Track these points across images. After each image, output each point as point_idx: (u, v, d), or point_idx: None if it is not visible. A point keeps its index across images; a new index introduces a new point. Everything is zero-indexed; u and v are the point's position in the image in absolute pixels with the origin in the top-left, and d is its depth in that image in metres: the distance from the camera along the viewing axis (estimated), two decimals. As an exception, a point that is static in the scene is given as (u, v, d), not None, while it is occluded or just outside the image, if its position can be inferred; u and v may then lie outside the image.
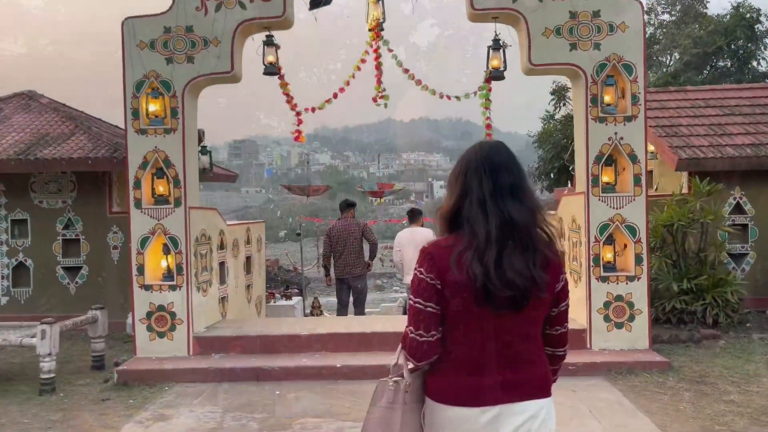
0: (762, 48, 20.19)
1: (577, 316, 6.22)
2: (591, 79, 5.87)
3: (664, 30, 23.28)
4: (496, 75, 6.19)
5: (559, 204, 6.95)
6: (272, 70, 6.23)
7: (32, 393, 5.52)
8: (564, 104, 21.74)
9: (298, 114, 6.51)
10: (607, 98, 5.88)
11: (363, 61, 6.30)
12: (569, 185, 14.27)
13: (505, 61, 6.19)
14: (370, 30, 6.35)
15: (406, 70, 6.36)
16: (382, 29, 6.38)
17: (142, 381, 5.61)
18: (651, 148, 7.96)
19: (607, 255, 5.93)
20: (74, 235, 8.55)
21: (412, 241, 7.66)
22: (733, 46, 20.25)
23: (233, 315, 7.32)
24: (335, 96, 6.43)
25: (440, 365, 1.97)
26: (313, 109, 6.52)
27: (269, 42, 6.25)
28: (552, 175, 21.14)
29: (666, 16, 23.96)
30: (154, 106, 6.05)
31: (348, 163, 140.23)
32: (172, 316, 6.05)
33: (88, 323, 6.20)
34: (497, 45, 6.38)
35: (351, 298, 8.45)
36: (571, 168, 21.05)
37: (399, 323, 6.27)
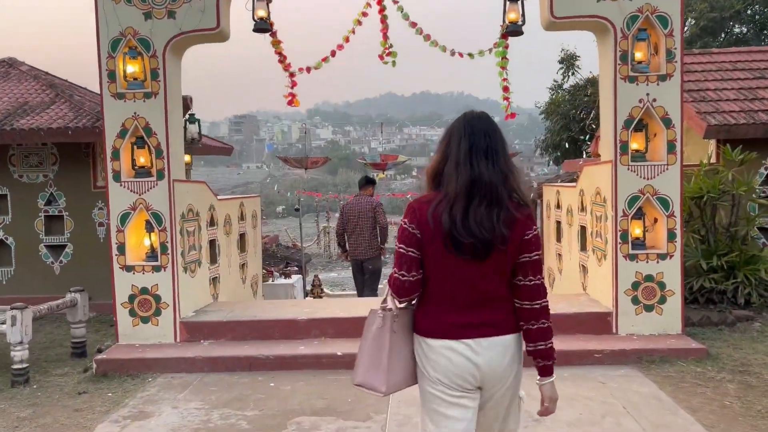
0: (780, 13, 19.37)
1: (601, 298, 5.67)
2: (620, 33, 5.23)
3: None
4: (513, 30, 5.54)
5: (579, 175, 6.35)
6: (263, 26, 5.59)
7: (3, 385, 5.01)
8: (573, 73, 20.98)
9: (292, 75, 5.88)
10: (638, 55, 5.25)
11: (365, 14, 5.65)
12: (584, 157, 13.58)
13: (523, 15, 5.54)
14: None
15: (414, 24, 5.70)
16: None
17: (123, 371, 5.09)
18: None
19: (636, 231, 5.35)
20: (57, 211, 8.01)
21: None
22: (750, 11, 19.43)
23: (226, 297, 6.79)
24: (333, 54, 5.79)
25: (423, 304, 2.28)
26: (309, 69, 5.89)
27: (260, -5, 5.61)
28: (560, 147, 20.47)
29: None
30: (132, 68, 5.43)
31: (349, 137, 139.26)
32: (156, 300, 5.52)
33: (66, 307, 5.67)
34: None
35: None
36: (585, 138, 20.41)
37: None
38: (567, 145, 20.47)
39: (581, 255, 6.34)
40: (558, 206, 7.37)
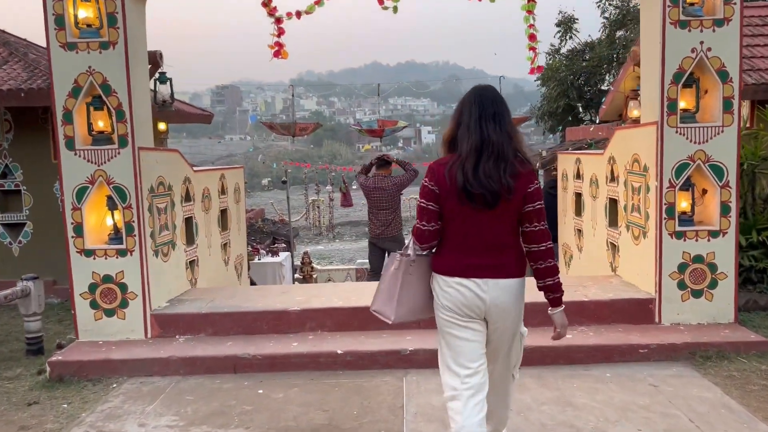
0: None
1: (638, 282, 4.93)
2: (670, -31, 4.40)
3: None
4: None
5: (609, 140, 5.56)
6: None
7: (-62, 393, 4.20)
8: (570, 37, 20.07)
9: (279, 21, 4.98)
10: (691, -5, 4.43)
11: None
12: (583, 124, 12.70)
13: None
14: None
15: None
16: None
17: (83, 375, 4.29)
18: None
19: (683, 204, 4.60)
20: (13, 185, 7.10)
21: None
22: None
23: (206, 282, 5.98)
24: (328, -6, 4.89)
25: (441, 249, 2.70)
26: (299, 14, 5.00)
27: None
28: (556, 115, 19.65)
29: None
30: (84, 12, 4.50)
31: (334, 108, 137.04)
32: (122, 289, 4.69)
33: (17, 297, 4.82)
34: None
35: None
36: (581, 105, 19.59)
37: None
38: (563, 113, 19.68)
39: (610, 231, 5.59)
40: (578, 176, 6.59)
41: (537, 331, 4.50)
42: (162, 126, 10.29)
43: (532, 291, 2.88)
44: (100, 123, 4.62)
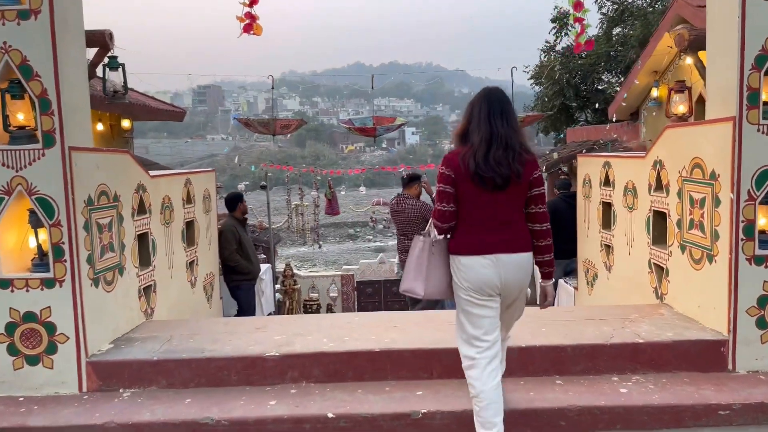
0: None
1: (703, 317, 3.98)
2: None
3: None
4: None
5: (657, 140, 4.61)
6: None
7: None
8: (566, 34, 19.22)
9: (252, -10, 3.96)
10: (780, -44, 3.49)
11: None
12: (579, 125, 11.75)
13: None
14: None
15: None
16: None
17: (-10, 449, 3.24)
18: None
19: (761, 221, 3.66)
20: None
21: None
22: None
23: (166, 311, 4.93)
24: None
25: (457, 232, 3.03)
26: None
27: None
28: (551, 116, 18.78)
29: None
30: (-4, -30, 3.46)
31: (317, 108, 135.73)
32: (49, 330, 3.64)
33: None
34: None
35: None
36: (577, 105, 18.75)
37: (426, 331, 3.97)
38: (558, 113, 18.81)
39: (655, 251, 4.64)
40: (606, 183, 5.65)
41: (579, 382, 3.55)
42: (126, 123, 9.21)
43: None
44: (20, 116, 3.57)
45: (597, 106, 18.91)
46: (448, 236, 3.06)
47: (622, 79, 19.46)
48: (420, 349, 3.73)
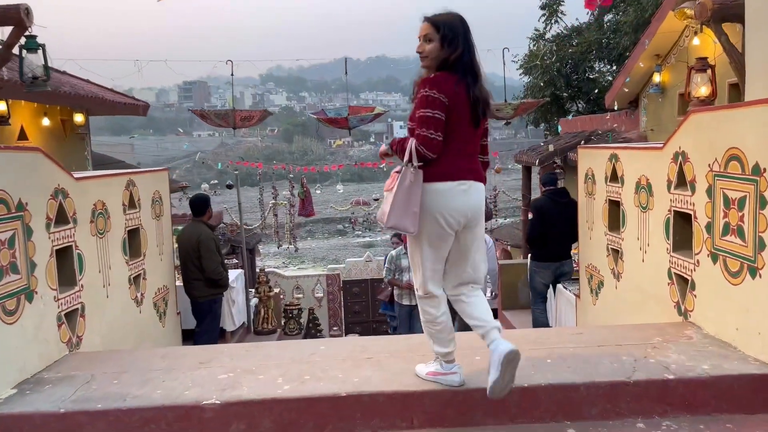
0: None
1: (744, 344, 3.27)
2: None
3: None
4: None
5: (679, 127, 3.88)
6: None
7: None
8: (556, 21, 18.50)
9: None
10: None
11: None
12: (574, 115, 11.05)
13: None
14: None
15: None
16: None
17: None
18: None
19: (817, 225, 2.95)
20: None
21: None
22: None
23: (100, 338, 4.16)
24: None
25: (439, 158, 2.90)
26: None
27: None
28: (541, 106, 18.07)
29: None
30: None
31: (304, 103, 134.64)
32: (-74, 378, 2.86)
33: None
34: None
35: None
36: (568, 95, 18.07)
37: (408, 365, 3.22)
38: (548, 104, 18.10)
39: (677, 259, 3.93)
40: (614, 178, 4.93)
41: (596, 430, 2.82)
42: (78, 118, 8.38)
43: None
44: None
45: (590, 95, 18.25)
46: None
47: (615, 67, 18.82)
48: (398, 392, 2.98)
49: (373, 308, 18.30)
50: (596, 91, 18.14)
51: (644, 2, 15.39)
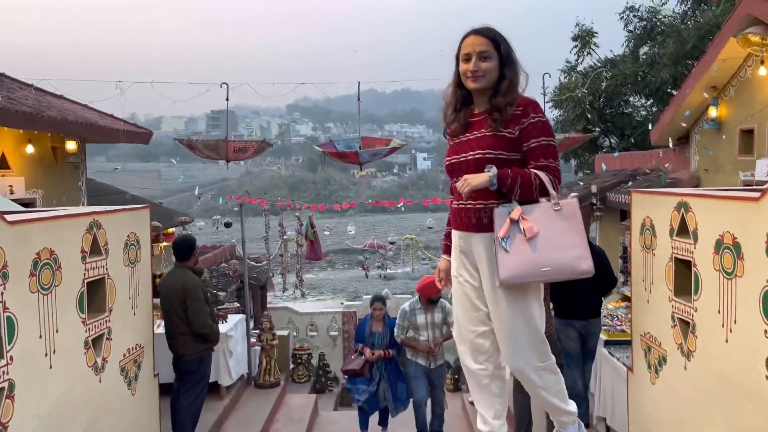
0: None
1: None
2: None
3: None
4: None
5: None
6: None
7: None
8: (589, 53, 17.69)
9: None
10: None
11: None
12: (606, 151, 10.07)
13: None
14: None
15: None
16: None
17: None
18: None
19: None
20: None
21: None
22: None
23: (37, 420, 3.30)
24: None
25: None
26: None
27: None
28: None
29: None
30: None
31: (330, 134, 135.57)
32: None
33: None
34: None
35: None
36: (599, 131, 17.15)
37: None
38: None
39: (784, 346, 2.96)
40: (683, 232, 3.99)
41: None
42: (71, 146, 7.70)
43: None
44: None
45: (624, 131, 17.32)
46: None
47: (651, 101, 17.89)
48: None
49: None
50: (630, 126, 17.23)
51: (684, 34, 14.54)
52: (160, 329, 5.79)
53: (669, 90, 16.95)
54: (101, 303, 4.16)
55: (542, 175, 2.64)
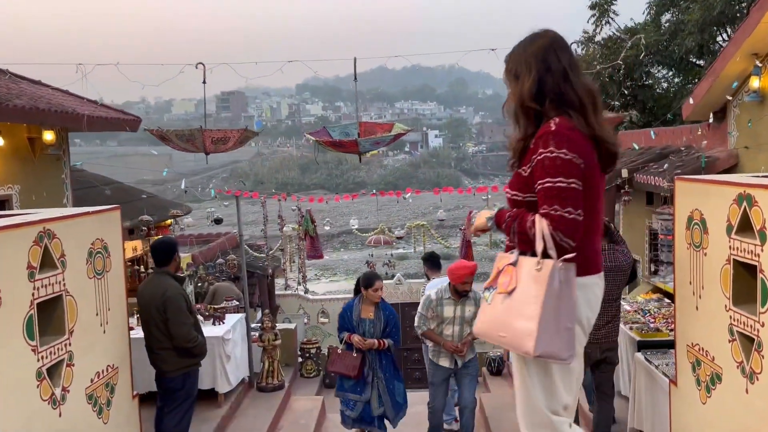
0: None
1: None
2: None
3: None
4: None
5: None
6: None
7: None
8: (607, 22, 16.73)
9: None
10: None
11: None
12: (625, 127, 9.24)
13: None
14: None
15: None
16: None
17: None
18: None
19: None
20: None
21: None
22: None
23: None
24: None
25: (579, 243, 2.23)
26: None
27: None
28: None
29: None
30: None
31: (340, 113, 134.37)
32: None
33: None
34: None
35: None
36: (619, 105, 16.30)
37: None
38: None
39: None
40: (745, 229, 3.33)
41: None
42: (48, 136, 7.09)
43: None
44: None
45: (645, 104, 16.45)
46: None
47: (673, 72, 16.96)
48: None
49: (403, 335, 16.82)
50: (653, 99, 16.36)
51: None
52: (137, 334, 5.22)
53: (694, 60, 16.02)
54: (58, 325, 3.58)
55: (539, 224, 2.19)
